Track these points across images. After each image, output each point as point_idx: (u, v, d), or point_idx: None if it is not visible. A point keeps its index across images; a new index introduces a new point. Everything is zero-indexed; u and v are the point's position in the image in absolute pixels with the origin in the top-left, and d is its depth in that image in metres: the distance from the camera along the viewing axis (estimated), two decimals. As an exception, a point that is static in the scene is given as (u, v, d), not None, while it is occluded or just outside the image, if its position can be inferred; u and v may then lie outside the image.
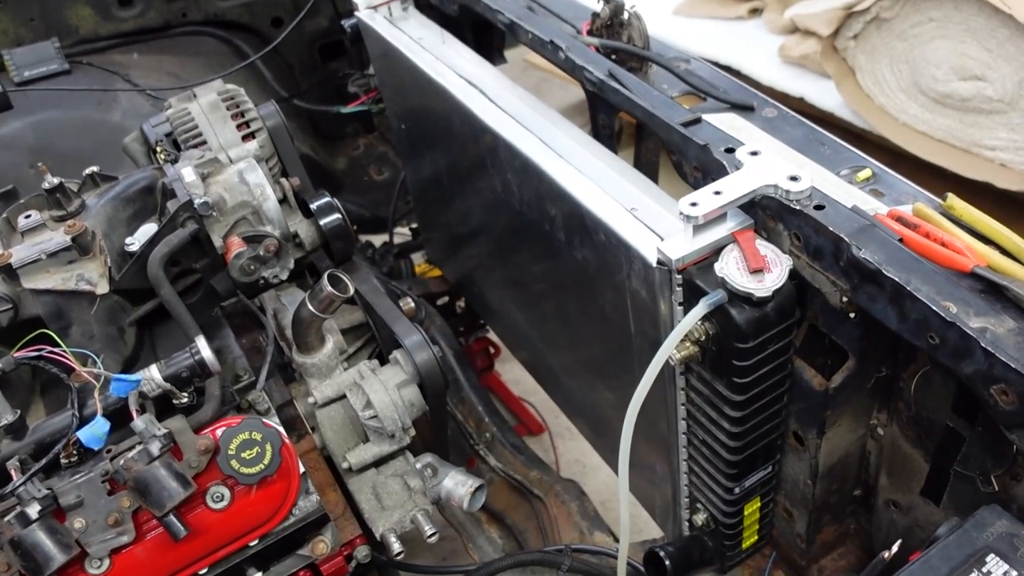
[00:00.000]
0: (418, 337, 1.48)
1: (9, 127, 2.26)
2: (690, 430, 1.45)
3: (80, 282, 1.26)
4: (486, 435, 2.16)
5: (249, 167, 1.44)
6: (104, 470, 1.19)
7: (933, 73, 2.80)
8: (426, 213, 2.51)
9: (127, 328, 1.37)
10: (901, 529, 1.41)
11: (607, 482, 2.84)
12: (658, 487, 1.68)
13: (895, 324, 1.10)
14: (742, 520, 1.51)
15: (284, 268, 1.48)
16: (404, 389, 1.45)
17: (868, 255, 1.10)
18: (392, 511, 1.51)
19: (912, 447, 1.33)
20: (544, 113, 1.66)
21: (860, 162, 1.36)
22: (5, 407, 1.19)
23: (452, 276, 2.54)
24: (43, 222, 1.34)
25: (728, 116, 1.50)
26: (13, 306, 1.27)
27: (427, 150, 2.16)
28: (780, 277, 1.16)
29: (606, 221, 1.35)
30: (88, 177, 1.45)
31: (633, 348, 1.48)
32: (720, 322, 1.20)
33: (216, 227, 1.41)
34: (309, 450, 1.53)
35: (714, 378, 1.29)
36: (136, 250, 1.33)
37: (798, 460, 1.45)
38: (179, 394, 1.28)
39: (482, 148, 1.71)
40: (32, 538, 1.12)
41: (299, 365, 1.51)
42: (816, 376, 1.32)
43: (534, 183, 1.54)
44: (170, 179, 1.39)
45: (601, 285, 1.48)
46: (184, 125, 1.57)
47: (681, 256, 1.20)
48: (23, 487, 1.14)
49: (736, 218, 1.24)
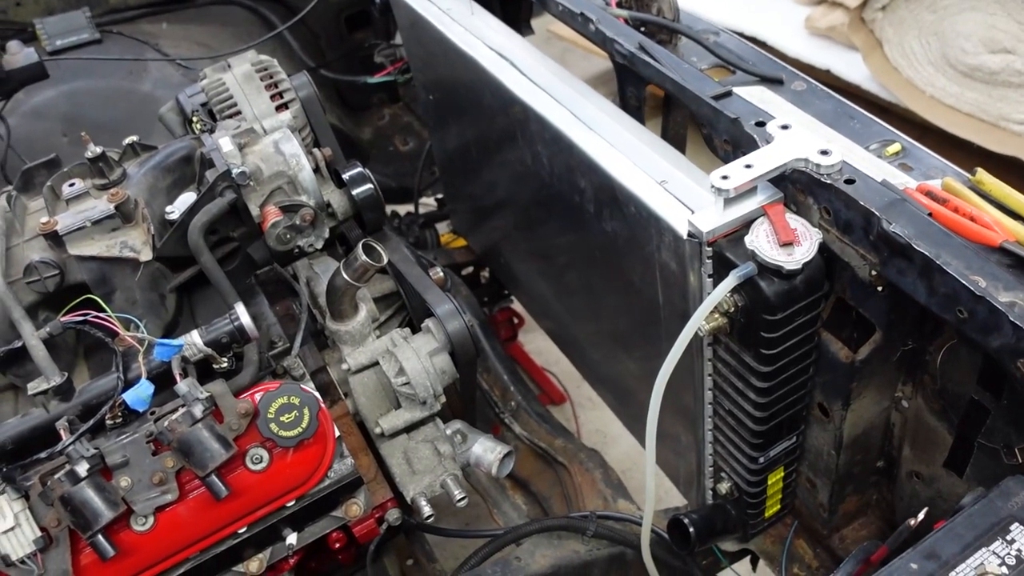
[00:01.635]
0: (450, 306, 1.51)
1: (42, 96, 2.28)
2: (716, 400, 1.47)
3: (124, 249, 1.29)
4: (511, 403, 2.19)
5: (284, 137, 1.46)
6: (148, 431, 1.23)
7: (962, 46, 2.77)
8: (453, 184, 2.52)
9: (168, 294, 1.40)
10: (924, 500, 1.43)
11: (628, 452, 2.88)
12: (682, 456, 1.71)
13: (924, 298, 1.11)
14: (766, 489, 1.54)
15: (319, 237, 1.50)
16: (436, 357, 1.48)
17: (898, 229, 1.11)
18: (422, 475, 1.55)
19: (937, 419, 1.35)
20: (574, 85, 1.67)
21: (889, 136, 1.37)
22: (53, 369, 1.23)
23: (477, 246, 2.56)
24: (87, 190, 1.37)
25: (757, 89, 1.50)
26: (60, 272, 1.30)
27: (455, 121, 2.18)
28: (810, 250, 1.18)
29: (637, 194, 1.37)
30: (128, 146, 1.49)
31: (661, 319, 1.50)
32: (749, 294, 1.22)
33: (253, 196, 1.43)
34: (342, 415, 1.57)
35: (742, 349, 1.31)
36: (176, 218, 1.37)
37: (823, 431, 1.47)
38: (219, 359, 1.32)
39: (512, 120, 1.72)
40: (81, 495, 1.16)
41: (332, 332, 1.54)
42: (843, 349, 1.34)
43: (564, 155, 1.56)
44: (208, 149, 1.42)
45: (630, 257, 1.50)
46: (219, 95, 1.59)
47: (712, 228, 1.22)
48: (72, 446, 1.18)
49: (766, 191, 1.25)
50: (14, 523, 1.17)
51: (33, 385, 1.24)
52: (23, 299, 1.30)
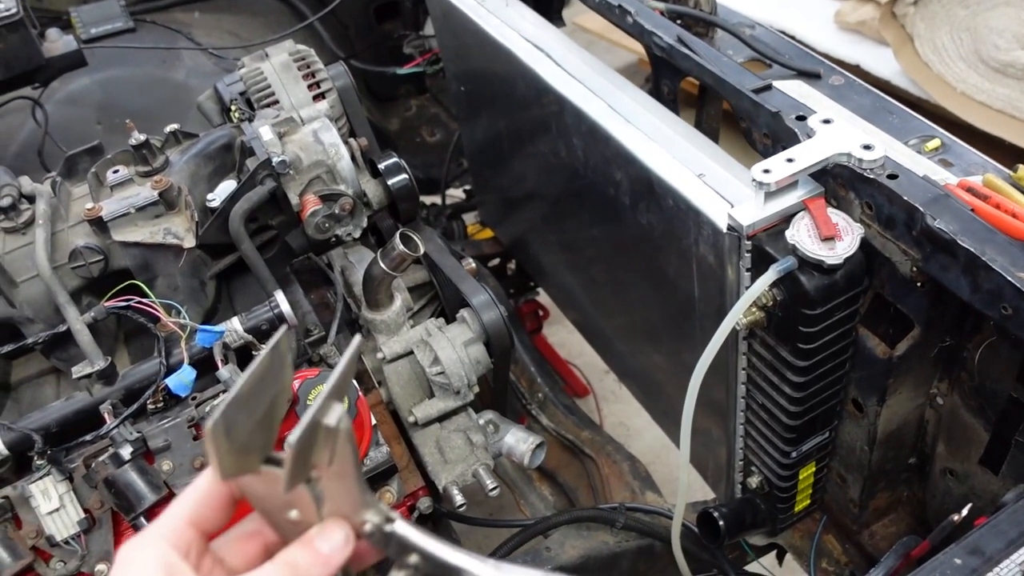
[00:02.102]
0: (485, 296, 1.52)
1: (77, 83, 2.30)
2: (749, 394, 1.47)
3: (168, 236, 1.31)
4: (538, 395, 2.20)
5: (323, 127, 1.47)
6: (190, 416, 1.24)
7: (995, 41, 2.75)
8: (482, 175, 2.53)
9: (208, 281, 1.42)
10: (957, 497, 1.43)
11: (651, 445, 2.88)
12: (712, 450, 1.71)
13: (967, 294, 1.11)
14: (796, 484, 1.54)
15: (357, 226, 1.51)
16: (471, 347, 1.49)
17: (943, 225, 1.11)
18: (455, 465, 1.56)
19: (973, 416, 1.35)
20: (609, 77, 1.67)
21: (928, 132, 1.36)
22: (97, 354, 1.25)
23: (505, 238, 2.57)
24: (130, 177, 1.39)
25: (795, 83, 1.50)
26: (104, 257, 1.32)
27: (486, 112, 2.18)
28: (851, 245, 1.17)
29: (675, 186, 1.36)
30: (170, 134, 1.50)
31: (695, 313, 1.50)
32: (788, 288, 1.22)
33: (292, 185, 1.45)
34: (376, 404, 1.58)
35: (778, 343, 1.31)
36: (217, 206, 1.38)
37: (856, 427, 1.47)
38: (258, 346, 1.33)
39: (546, 111, 1.72)
40: (125, 478, 1.18)
41: (368, 321, 1.55)
42: (880, 344, 1.33)
43: (601, 147, 1.56)
44: (248, 137, 1.43)
45: (665, 250, 1.50)
46: (257, 84, 1.60)
47: (752, 222, 1.22)
48: (116, 430, 1.20)
49: (807, 186, 1.25)
50: (59, 504, 1.19)
51: (77, 369, 1.25)
52: (67, 284, 1.31)
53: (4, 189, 1.35)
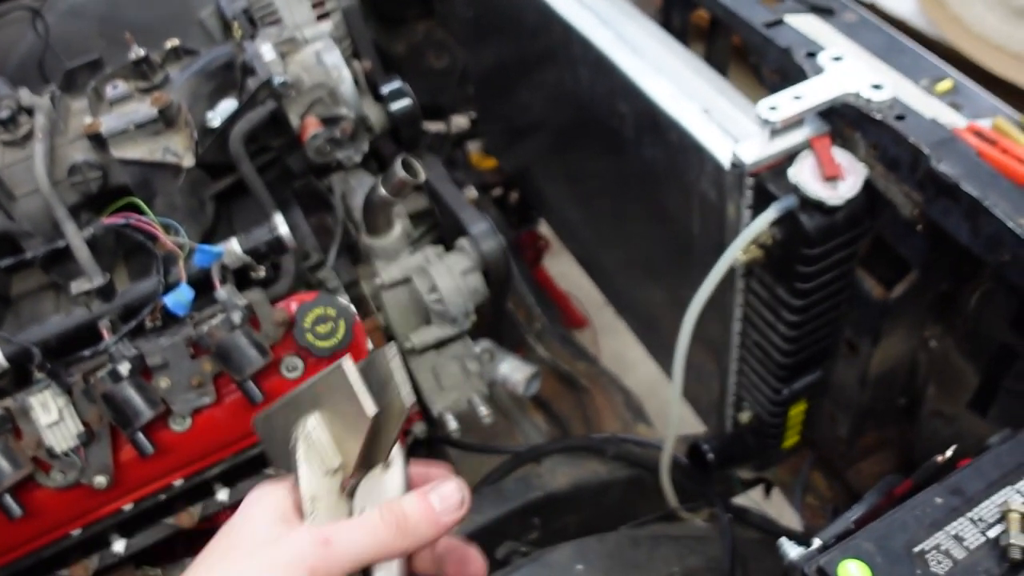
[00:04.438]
0: (485, 226, 1.51)
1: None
2: (744, 331, 1.48)
3: (167, 154, 1.30)
4: (535, 325, 2.21)
5: (327, 48, 1.45)
6: (188, 335, 1.25)
7: (1017, -18, 2.68)
8: (487, 103, 2.50)
9: (207, 201, 1.42)
10: (944, 438, 1.45)
11: (646, 378, 2.90)
12: (704, 384, 1.73)
13: (967, 239, 1.11)
14: (786, 421, 1.56)
15: (358, 151, 1.50)
16: (469, 275, 1.49)
17: (946, 168, 1.10)
18: (450, 391, 1.58)
19: (964, 360, 1.36)
20: (619, 5, 1.63)
21: (941, 73, 1.34)
22: (96, 270, 1.25)
23: (509, 167, 2.55)
24: (130, 93, 1.37)
25: (808, 18, 1.47)
26: (103, 173, 1.31)
27: (493, 39, 2.14)
28: (855, 186, 1.17)
29: (680, 121, 1.35)
30: (170, 51, 1.48)
31: (694, 249, 1.50)
32: (789, 227, 1.21)
33: (293, 106, 1.43)
34: (372, 329, 1.59)
35: (775, 282, 1.31)
36: (217, 125, 1.37)
37: (848, 366, 1.48)
38: (257, 267, 1.33)
39: (554, 40, 1.69)
40: (123, 393, 1.20)
41: (367, 247, 1.56)
42: (876, 286, 1.34)
43: (606, 78, 1.54)
44: (249, 56, 1.41)
45: (667, 185, 1.49)
46: (260, 2, 1.57)
47: (755, 160, 1.21)
48: (115, 346, 1.21)
49: (813, 124, 1.23)
50: (58, 417, 1.20)
51: (76, 285, 1.26)
52: (66, 199, 1.31)
53: (3, 101, 1.34)
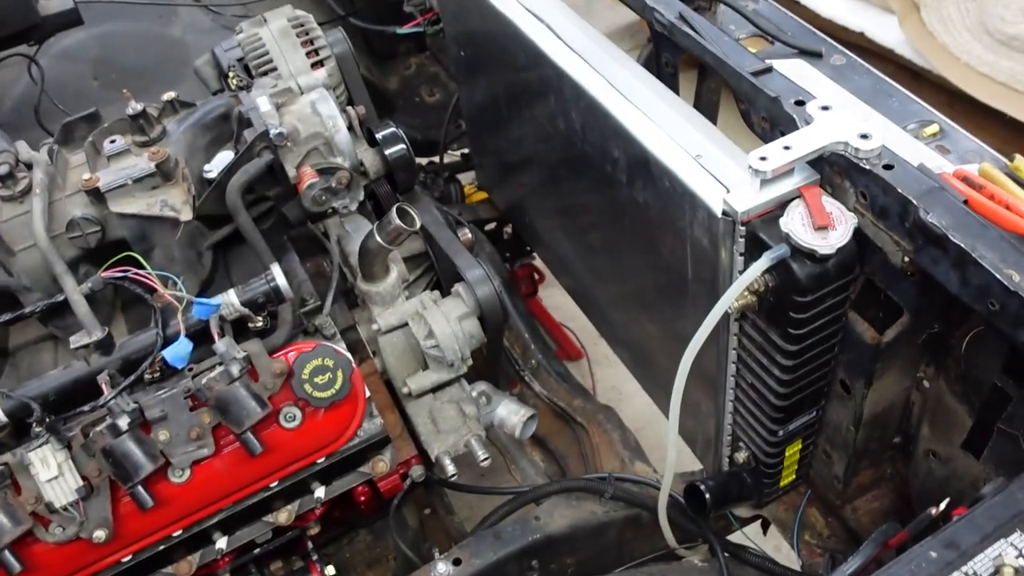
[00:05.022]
0: (480, 272, 1.53)
1: (74, 38, 2.28)
2: (739, 373, 1.49)
3: (165, 208, 1.31)
4: (531, 362, 2.21)
5: (321, 98, 1.47)
6: (187, 387, 1.26)
7: (1001, 14, 2.72)
8: (480, 139, 2.52)
9: (204, 252, 1.43)
10: (939, 478, 1.46)
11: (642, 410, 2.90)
12: (701, 423, 1.74)
13: (956, 288, 1.12)
14: (783, 461, 1.57)
15: (354, 199, 1.52)
16: (465, 321, 1.50)
17: (935, 219, 1.12)
18: (447, 435, 1.59)
19: (957, 402, 1.37)
20: (609, 51, 1.65)
21: (927, 116, 1.36)
22: (95, 324, 1.26)
23: (502, 202, 2.56)
24: (127, 147, 1.39)
25: (796, 63, 1.49)
26: (101, 228, 1.33)
27: (486, 77, 2.16)
28: (844, 235, 1.18)
29: (672, 168, 1.37)
30: (168, 103, 1.49)
31: (688, 290, 1.51)
32: (781, 275, 1.23)
33: (289, 157, 1.45)
34: (370, 374, 1.60)
35: (769, 327, 1.33)
36: (214, 177, 1.38)
37: (843, 407, 1.49)
38: (255, 318, 1.34)
39: (546, 83, 1.71)
40: (123, 447, 1.20)
41: (363, 292, 1.57)
42: (869, 329, 1.35)
43: (599, 124, 1.55)
44: (246, 108, 1.42)
45: (660, 228, 1.51)
46: (255, 51, 1.59)
47: (747, 209, 1.22)
48: (114, 400, 1.21)
49: (803, 172, 1.25)
50: (58, 472, 1.21)
51: (75, 339, 1.27)
52: (65, 254, 1.32)
53: (1, 156, 1.35)
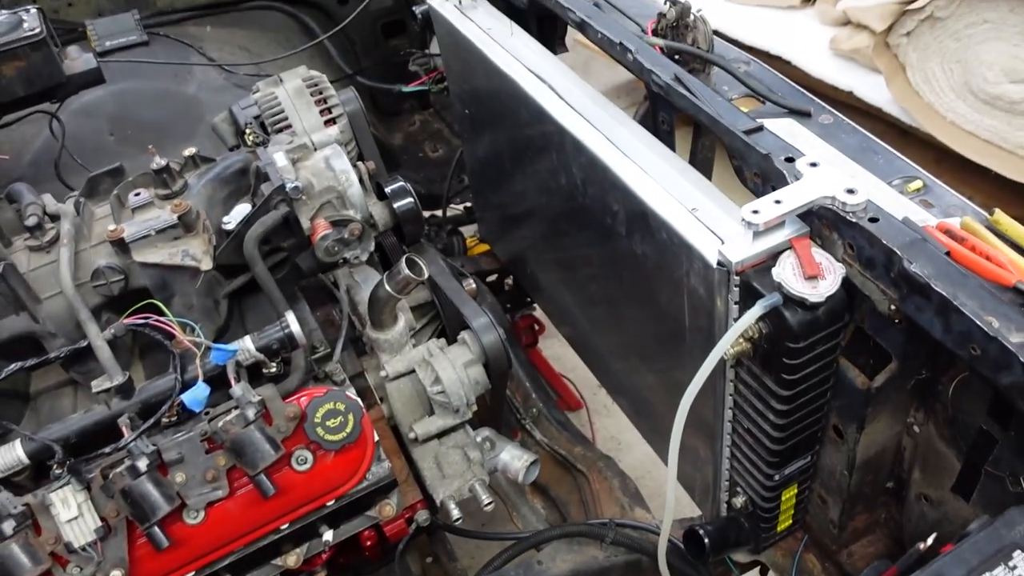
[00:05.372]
0: (485, 320, 1.58)
1: (91, 95, 2.35)
2: (735, 419, 1.54)
3: (186, 258, 1.37)
4: (532, 410, 2.26)
5: (335, 154, 1.54)
6: (203, 431, 1.31)
7: (984, 74, 2.83)
8: (482, 193, 2.60)
9: (221, 300, 1.48)
10: (931, 522, 1.50)
11: (642, 460, 2.95)
12: (699, 469, 1.78)
13: (939, 334, 1.18)
14: (779, 505, 1.61)
15: (365, 250, 1.58)
16: (471, 368, 1.55)
17: (918, 269, 1.18)
18: (452, 479, 1.63)
19: (946, 446, 1.42)
20: (608, 109, 1.74)
21: (911, 172, 1.43)
22: (116, 369, 1.31)
23: (504, 255, 2.63)
24: (151, 200, 1.45)
25: (786, 121, 1.57)
26: (124, 277, 1.38)
27: (489, 134, 2.25)
28: (833, 284, 1.24)
29: (669, 221, 1.43)
30: (189, 159, 1.57)
31: (685, 339, 1.57)
32: (774, 323, 1.28)
33: (304, 209, 1.51)
34: (377, 419, 1.65)
35: (763, 373, 1.38)
36: (232, 229, 1.45)
37: (836, 452, 1.53)
38: (269, 364, 1.40)
39: (547, 140, 1.79)
40: (141, 489, 1.24)
41: (372, 340, 1.62)
42: (859, 375, 1.40)
43: (599, 178, 1.63)
44: (263, 163, 1.49)
45: (658, 279, 1.57)
46: (271, 109, 1.67)
47: (741, 259, 1.29)
48: (134, 443, 1.26)
49: (793, 225, 1.32)
50: (77, 512, 1.25)
51: (97, 383, 1.32)
52: (89, 301, 1.38)
53: (29, 208, 1.41)
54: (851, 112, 3.15)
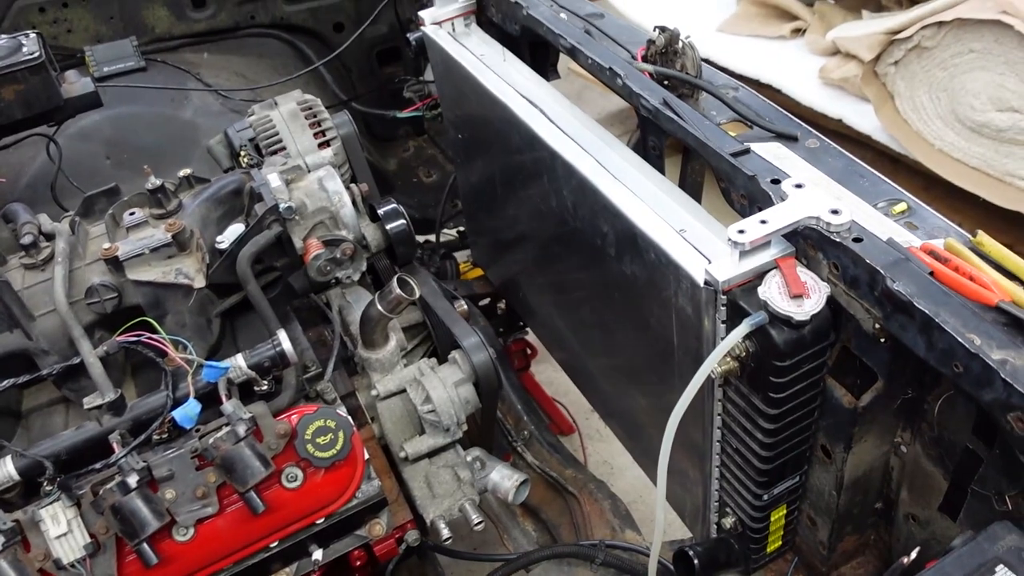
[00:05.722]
0: (476, 339, 1.60)
1: (89, 119, 2.39)
2: (724, 439, 1.55)
3: (179, 276, 1.39)
4: (524, 432, 2.27)
5: (328, 175, 1.56)
6: (194, 447, 1.31)
7: (971, 103, 2.87)
8: (475, 217, 2.62)
9: (213, 319, 1.50)
10: (919, 542, 1.50)
11: (634, 484, 2.95)
12: (689, 490, 1.78)
13: (923, 352, 1.19)
14: (768, 525, 1.61)
15: (357, 270, 1.60)
16: (461, 387, 1.57)
17: (901, 287, 1.19)
18: (442, 499, 1.63)
19: (933, 465, 1.43)
20: (599, 133, 1.76)
21: (896, 195, 1.45)
22: (108, 386, 1.32)
23: (496, 278, 2.65)
24: (145, 219, 1.47)
25: (773, 145, 1.59)
26: (118, 295, 1.40)
27: (481, 158, 2.27)
28: (818, 303, 1.26)
29: (657, 241, 1.45)
30: (184, 179, 1.59)
31: (674, 359, 1.58)
32: (760, 341, 1.30)
33: (296, 229, 1.53)
34: (368, 439, 1.65)
35: (751, 392, 1.39)
36: (226, 248, 1.46)
37: (825, 472, 1.54)
38: (260, 381, 1.41)
39: (539, 164, 1.81)
40: (131, 505, 1.25)
41: (363, 359, 1.63)
42: (846, 395, 1.42)
43: (589, 201, 1.65)
44: (257, 184, 1.51)
45: (647, 299, 1.59)
46: (266, 131, 1.69)
47: (727, 279, 1.30)
48: (124, 459, 1.26)
49: (779, 245, 1.33)
50: (67, 529, 1.25)
51: (89, 400, 1.32)
52: (82, 319, 1.39)
53: (25, 227, 1.43)
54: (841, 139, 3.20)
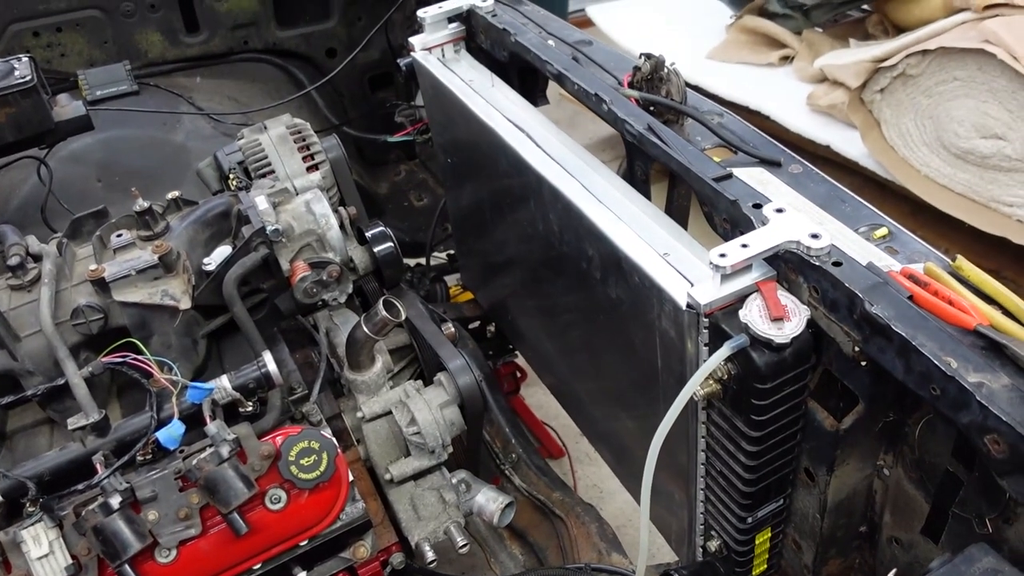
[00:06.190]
0: (461, 362, 1.60)
1: (80, 142, 2.40)
2: (708, 461, 1.55)
3: (165, 297, 1.39)
4: (512, 456, 2.26)
5: (315, 198, 1.57)
6: (177, 468, 1.31)
7: (955, 130, 2.91)
8: (464, 241, 2.63)
9: (199, 340, 1.50)
10: (902, 565, 1.50)
11: (623, 508, 2.95)
12: (675, 514, 1.79)
13: (901, 374, 1.20)
14: (753, 549, 1.61)
15: (343, 292, 1.61)
16: (446, 409, 1.57)
17: (879, 311, 1.21)
18: (427, 522, 1.63)
19: (915, 488, 1.43)
20: (584, 158, 1.78)
21: (877, 220, 1.47)
22: (93, 407, 1.33)
23: (485, 302, 2.66)
24: (133, 241, 1.48)
25: (756, 170, 1.61)
26: (103, 316, 1.40)
27: (470, 183, 2.29)
28: (798, 326, 1.27)
29: (641, 265, 1.47)
30: (172, 201, 1.60)
31: (659, 381, 1.59)
32: (742, 364, 1.31)
33: (283, 252, 1.54)
34: (353, 461, 1.66)
35: (734, 414, 1.40)
36: (212, 270, 1.47)
37: (808, 495, 1.55)
38: (245, 403, 1.41)
39: (526, 188, 1.83)
40: (113, 526, 1.24)
41: (349, 381, 1.64)
42: (828, 417, 1.43)
43: (575, 225, 1.66)
44: (245, 206, 1.53)
45: (632, 322, 1.60)
46: (255, 155, 1.71)
47: (709, 301, 1.32)
48: (107, 480, 1.26)
49: (760, 269, 1.35)
50: (48, 550, 1.25)
51: (73, 421, 1.33)
52: (68, 340, 1.39)
53: (12, 248, 1.44)
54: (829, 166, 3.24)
